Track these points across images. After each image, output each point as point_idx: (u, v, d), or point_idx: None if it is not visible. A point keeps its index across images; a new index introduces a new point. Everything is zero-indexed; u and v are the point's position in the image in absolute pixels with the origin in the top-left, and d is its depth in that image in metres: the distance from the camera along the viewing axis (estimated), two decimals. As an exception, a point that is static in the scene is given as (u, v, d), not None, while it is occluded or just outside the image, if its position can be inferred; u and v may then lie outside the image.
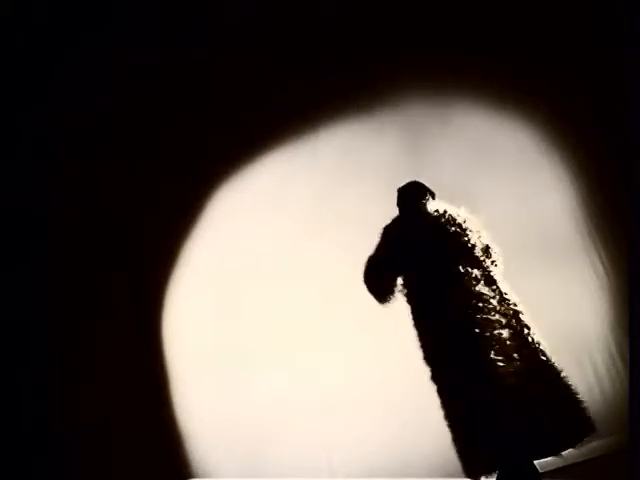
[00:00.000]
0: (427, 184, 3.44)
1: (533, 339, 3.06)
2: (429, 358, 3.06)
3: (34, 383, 4.66)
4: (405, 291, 3.22)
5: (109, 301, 4.78)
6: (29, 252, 4.84)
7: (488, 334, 2.97)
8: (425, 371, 3.05)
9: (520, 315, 3.10)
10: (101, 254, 4.83)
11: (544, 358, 3.02)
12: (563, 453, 2.90)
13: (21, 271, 4.82)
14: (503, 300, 3.11)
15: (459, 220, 3.21)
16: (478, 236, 3.23)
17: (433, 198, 3.37)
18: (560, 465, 3.28)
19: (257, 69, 4.82)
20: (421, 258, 3.11)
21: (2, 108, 4.83)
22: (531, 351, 3.01)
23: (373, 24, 4.70)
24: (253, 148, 4.87)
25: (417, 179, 3.46)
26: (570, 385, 3.00)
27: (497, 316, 3.03)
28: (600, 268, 4.33)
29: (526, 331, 3.06)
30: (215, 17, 4.82)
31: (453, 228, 3.18)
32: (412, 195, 3.36)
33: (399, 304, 3.28)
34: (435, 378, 3.04)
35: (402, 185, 3.45)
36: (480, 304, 3.04)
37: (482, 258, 3.18)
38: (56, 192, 4.90)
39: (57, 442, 4.59)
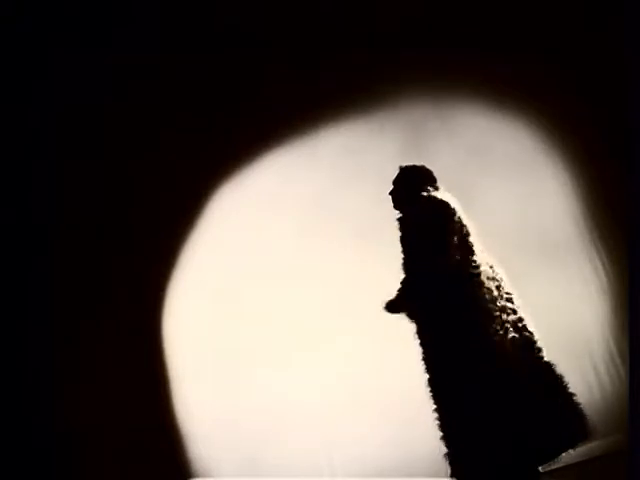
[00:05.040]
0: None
1: (533, 340, 3.05)
2: (429, 361, 3.07)
3: (34, 383, 4.66)
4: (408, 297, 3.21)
5: (109, 301, 4.78)
6: (29, 252, 4.84)
7: (493, 332, 2.97)
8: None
9: (522, 318, 3.09)
10: (101, 254, 4.83)
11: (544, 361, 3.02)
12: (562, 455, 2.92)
13: (21, 271, 4.82)
14: (508, 301, 3.11)
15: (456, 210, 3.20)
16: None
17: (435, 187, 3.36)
18: (560, 465, 3.28)
19: (257, 69, 4.82)
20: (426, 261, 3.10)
21: (2, 108, 4.83)
22: (532, 354, 3.01)
23: (373, 24, 4.70)
24: (253, 148, 4.87)
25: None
26: (570, 391, 2.99)
27: (503, 317, 3.03)
28: (600, 268, 4.33)
29: (527, 333, 3.06)
30: (215, 17, 4.82)
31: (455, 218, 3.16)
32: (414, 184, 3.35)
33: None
34: (432, 381, 3.05)
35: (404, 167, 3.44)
36: (487, 306, 3.03)
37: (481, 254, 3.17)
38: (56, 192, 4.91)
39: (57, 442, 4.59)
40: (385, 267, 3.41)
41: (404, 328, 3.22)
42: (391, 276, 3.28)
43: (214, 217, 4.91)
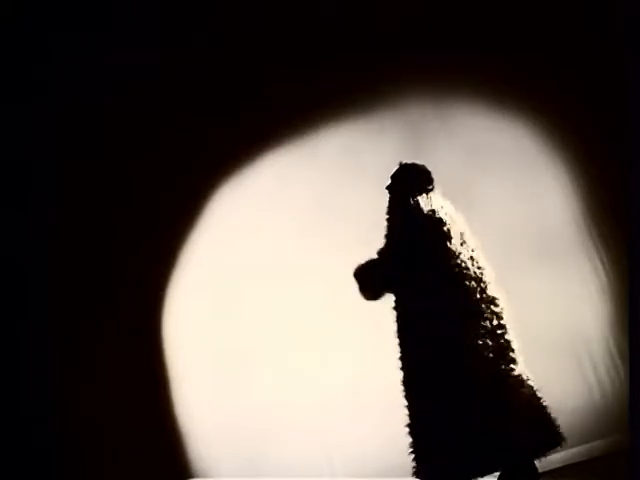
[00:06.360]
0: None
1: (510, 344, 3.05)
2: (406, 362, 3.10)
3: (34, 383, 4.66)
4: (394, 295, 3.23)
5: (109, 301, 4.78)
6: (29, 251, 4.84)
7: (473, 341, 2.97)
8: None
9: (504, 325, 3.08)
10: (101, 254, 4.83)
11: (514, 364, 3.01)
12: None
13: (21, 271, 4.82)
14: (490, 303, 3.10)
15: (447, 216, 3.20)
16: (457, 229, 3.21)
17: (428, 188, 3.36)
18: (560, 465, 3.29)
19: (257, 69, 4.82)
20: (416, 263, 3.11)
21: (2, 108, 4.83)
22: (507, 358, 3.01)
23: (373, 24, 4.70)
24: (253, 148, 4.87)
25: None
26: (540, 398, 2.99)
27: (485, 322, 3.03)
28: (600, 268, 4.33)
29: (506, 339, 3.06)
30: (215, 17, 4.82)
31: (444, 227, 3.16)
32: (409, 185, 3.35)
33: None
34: (407, 381, 3.07)
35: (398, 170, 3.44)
36: (470, 308, 3.03)
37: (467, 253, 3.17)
38: (56, 192, 4.91)
39: (57, 442, 4.59)
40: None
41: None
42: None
43: (214, 217, 4.91)
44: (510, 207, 4.37)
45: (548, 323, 4.07)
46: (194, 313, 4.82)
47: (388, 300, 3.28)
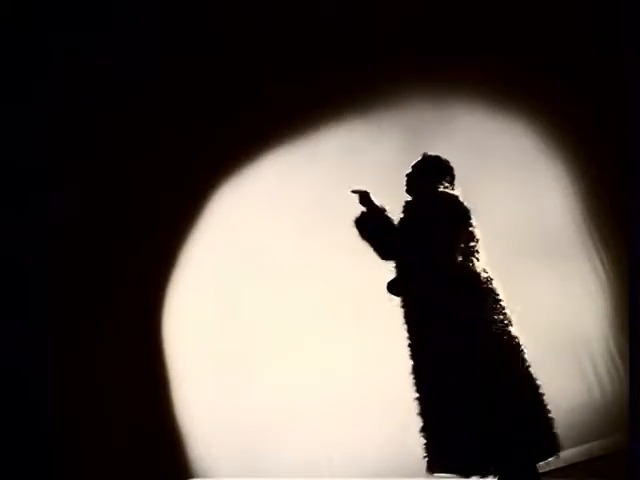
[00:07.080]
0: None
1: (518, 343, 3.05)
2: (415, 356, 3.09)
3: (34, 383, 4.65)
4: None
5: (109, 301, 4.78)
6: (29, 251, 4.84)
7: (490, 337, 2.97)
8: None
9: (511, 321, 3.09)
10: (101, 254, 4.83)
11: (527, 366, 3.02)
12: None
13: (21, 271, 4.82)
14: (502, 302, 3.11)
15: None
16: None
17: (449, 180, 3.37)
18: (560, 465, 3.28)
19: (257, 69, 4.82)
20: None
21: (2, 108, 4.83)
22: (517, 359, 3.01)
23: (373, 24, 4.70)
24: (253, 148, 4.87)
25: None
26: (545, 404, 2.99)
27: (498, 320, 3.03)
28: (600, 268, 4.33)
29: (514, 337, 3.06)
30: (215, 17, 4.82)
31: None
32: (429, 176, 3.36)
33: (398, 304, 3.28)
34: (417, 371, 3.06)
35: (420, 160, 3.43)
36: (486, 306, 3.03)
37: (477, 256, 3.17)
38: (56, 191, 4.91)
39: (57, 442, 4.59)
40: (385, 267, 3.41)
41: (404, 328, 3.22)
42: (391, 276, 3.29)
43: (214, 217, 4.92)
44: (510, 207, 4.37)
45: (548, 323, 4.06)
46: (194, 313, 4.82)
47: (388, 300, 3.28)
